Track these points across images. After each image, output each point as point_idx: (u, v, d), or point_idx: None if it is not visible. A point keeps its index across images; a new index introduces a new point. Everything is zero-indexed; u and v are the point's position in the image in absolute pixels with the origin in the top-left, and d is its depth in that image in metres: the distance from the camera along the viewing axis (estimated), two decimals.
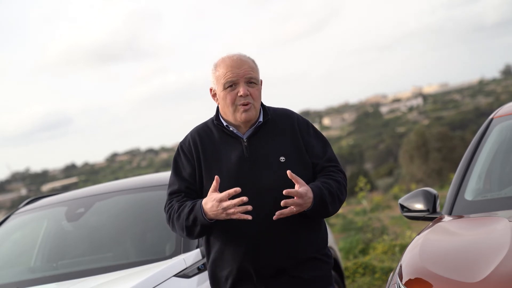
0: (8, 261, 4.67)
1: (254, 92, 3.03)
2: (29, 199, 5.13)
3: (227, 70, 3.02)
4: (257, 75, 3.08)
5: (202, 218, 2.90)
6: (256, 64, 3.11)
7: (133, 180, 4.90)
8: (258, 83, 3.07)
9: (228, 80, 3.01)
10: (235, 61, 3.03)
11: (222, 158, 3.02)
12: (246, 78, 3.02)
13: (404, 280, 2.95)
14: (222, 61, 3.07)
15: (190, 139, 3.11)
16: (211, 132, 3.10)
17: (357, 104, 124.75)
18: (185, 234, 3.00)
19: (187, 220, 2.95)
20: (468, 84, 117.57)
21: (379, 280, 7.29)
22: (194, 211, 2.93)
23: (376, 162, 67.90)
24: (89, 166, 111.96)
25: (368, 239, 9.85)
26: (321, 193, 2.94)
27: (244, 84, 3.01)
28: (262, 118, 3.08)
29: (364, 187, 11.27)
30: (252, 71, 3.04)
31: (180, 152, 3.12)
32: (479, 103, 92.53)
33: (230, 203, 2.82)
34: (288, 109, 3.21)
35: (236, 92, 3.01)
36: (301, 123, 3.14)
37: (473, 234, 3.29)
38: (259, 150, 3.01)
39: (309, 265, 3.03)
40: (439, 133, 40.06)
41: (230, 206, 2.82)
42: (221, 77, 3.03)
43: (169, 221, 3.06)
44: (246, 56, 3.10)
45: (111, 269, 3.97)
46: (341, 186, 3.05)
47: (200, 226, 2.93)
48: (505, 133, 4.11)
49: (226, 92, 3.02)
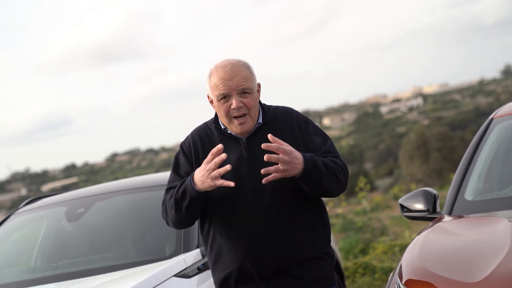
0: (8, 261, 4.67)
1: (248, 102, 2.98)
2: (29, 199, 5.13)
3: (219, 82, 2.98)
4: (251, 84, 3.01)
5: (190, 186, 2.89)
6: (251, 70, 3.04)
7: (133, 180, 4.90)
8: (252, 92, 3.01)
9: (220, 93, 2.98)
10: (227, 73, 2.97)
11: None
12: (238, 90, 2.97)
13: (404, 280, 2.95)
14: (215, 70, 3.02)
15: (191, 139, 3.12)
16: (211, 133, 3.10)
17: (357, 104, 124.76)
18: (174, 210, 2.97)
19: (176, 194, 2.95)
20: (468, 84, 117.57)
21: (379, 280, 7.29)
22: (185, 184, 2.93)
23: (376, 162, 67.88)
24: (89, 166, 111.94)
25: (368, 239, 9.84)
26: (313, 159, 2.88)
27: (237, 96, 2.97)
28: (261, 119, 3.07)
29: (364, 187, 11.27)
30: (245, 82, 2.98)
31: (180, 151, 3.14)
32: (479, 103, 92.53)
33: (213, 163, 2.80)
34: (288, 107, 3.18)
35: (230, 104, 2.97)
36: (300, 121, 3.11)
37: (473, 234, 3.29)
38: (257, 150, 2.99)
39: (311, 264, 3.02)
40: (439, 133, 40.02)
41: (212, 166, 2.80)
42: (214, 88, 3.00)
43: (163, 212, 3.07)
44: (239, 64, 3.02)
45: (111, 269, 3.97)
46: (339, 167, 2.99)
47: (189, 199, 2.90)
48: (505, 133, 4.10)
49: (220, 104, 3.00)
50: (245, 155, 3.00)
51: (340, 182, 2.99)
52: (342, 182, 3.01)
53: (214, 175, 2.82)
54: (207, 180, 2.84)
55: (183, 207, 2.94)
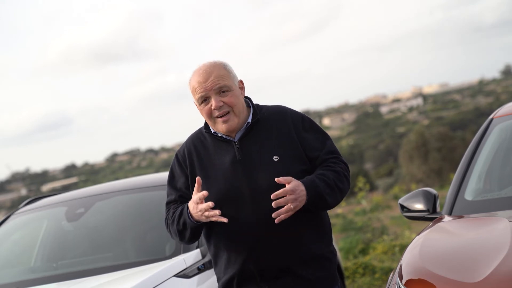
0: (8, 261, 4.67)
1: (228, 100, 2.98)
2: (29, 199, 5.13)
3: (196, 86, 2.99)
4: (228, 81, 3.00)
5: (189, 220, 2.94)
6: (227, 68, 3.03)
7: (133, 180, 4.90)
8: (231, 90, 3.00)
9: (199, 96, 2.99)
10: (201, 75, 2.98)
11: (217, 164, 3.01)
12: (215, 89, 2.97)
13: (404, 280, 2.95)
14: (192, 75, 3.03)
15: (185, 148, 3.12)
16: (204, 139, 3.10)
17: (357, 104, 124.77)
18: (178, 238, 3.05)
19: (178, 224, 3.00)
20: (468, 84, 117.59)
21: (379, 280, 7.29)
22: (183, 215, 2.97)
23: (376, 162, 67.85)
24: (89, 166, 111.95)
25: (368, 239, 9.84)
26: (314, 185, 2.90)
27: (215, 96, 2.97)
28: (250, 119, 3.05)
29: (364, 187, 11.27)
30: (220, 80, 2.98)
31: (175, 161, 3.15)
32: (479, 103, 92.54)
33: (204, 205, 2.85)
34: (282, 106, 3.16)
35: (210, 106, 2.98)
36: (295, 118, 3.09)
37: (473, 234, 3.29)
38: (251, 151, 2.99)
39: (313, 264, 3.01)
40: (439, 133, 40.00)
41: (203, 209, 2.85)
42: (193, 93, 3.02)
43: (168, 229, 3.11)
44: (213, 65, 3.02)
45: (111, 269, 3.97)
46: (340, 175, 3.00)
47: (190, 229, 2.96)
48: (505, 133, 4.10)
49: (201, 108, 3.01)
50: (239, 157, 2.99)
51: (342, 191, 3.02)
52: (345, 188, 3.04)
53: (206, 215, 2.86)
54: (202, 217, 2.89)
55: (187, 236, 3.01)
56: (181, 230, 3.00)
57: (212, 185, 2.98)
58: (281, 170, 2.94)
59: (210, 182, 2.99)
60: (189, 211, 2.93)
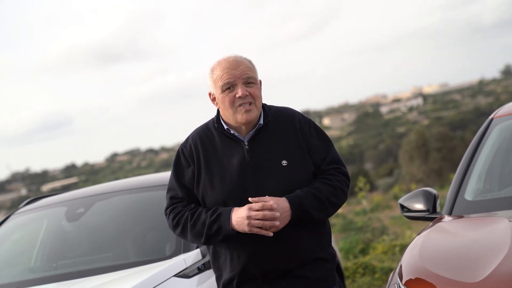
0: (8, 261, 4.67)
1: (253, 92, 2.98)
2: (29, 199, 5.12)
3: (223, 72, 2.97)
4: (255, 75, 3.03)
5: (228, 227, 2.88)
6: (253, 64, 3.06)
7: (133, 180, 4.90)
8: (256, 83, 3.02)
9: (225, 82, 2.96)
10: (231, 63, 2.99)
11: (224, 163, 2.99)
12: (243, 78, 2.97)
13: (404, 280, 2.95)
14: (218, 64, 3.02)
15: (191, 142, 3.07)
16: (212, 135, 3.06)
17: (357, 104, 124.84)
18: (202, 241, 2.97)
19: (209, 229, 2.91)
20: (468, 84, 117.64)
21: (379, 280, 7.29)
22: (220, 221, 2.90)
23: (376, 162, 67.82)
24: (89, 166, 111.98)
25: (368, 239, 9.84)
26: (300, 201, 2.89)
27: (242, 85, 2.96)
28: (262, 120, 3.04)
29: (364, 187, 11.27)
30: (249, 71, 2.99)
31: (180, 156, 3.08)
32: (479, 103, 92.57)
33: (259, 213, 2.81)
34: (290, 109, 3.16)
35: (235, 94, 2.96)
36: (303, 123, 3.09)
37: (473, 234, 3.29)
38: (260, 154, 2.98)
39: (314, 265, 3.01)
40: (439, 133, 40.01)
41: (257, 215, 2.81)
42: (218, 79, 2.99)
43: (176, 226, 3.02)
44: (242, 57, 3.04)
45: (111, 269, 3.97)
46: (335, 190, 2.99)
47: (223, 236, 2.91)
48: (505, 133, 4.10)
49: (224, 95, 2.98)
50: (248, 158, 2.97)
51: (335, 205, 3.01)
52: (340, 202, 3.03)
53: (256, 223, 2.82)
54: (246, 227, 2.84)
55: (213, 240, 2.96)
56: (213, 235, 2.92)
57: (218, 184, 2.96)
58: (289, 175, 2.94)
59: (216, 181, 2.97)
60: (231, 217, 2.88)
